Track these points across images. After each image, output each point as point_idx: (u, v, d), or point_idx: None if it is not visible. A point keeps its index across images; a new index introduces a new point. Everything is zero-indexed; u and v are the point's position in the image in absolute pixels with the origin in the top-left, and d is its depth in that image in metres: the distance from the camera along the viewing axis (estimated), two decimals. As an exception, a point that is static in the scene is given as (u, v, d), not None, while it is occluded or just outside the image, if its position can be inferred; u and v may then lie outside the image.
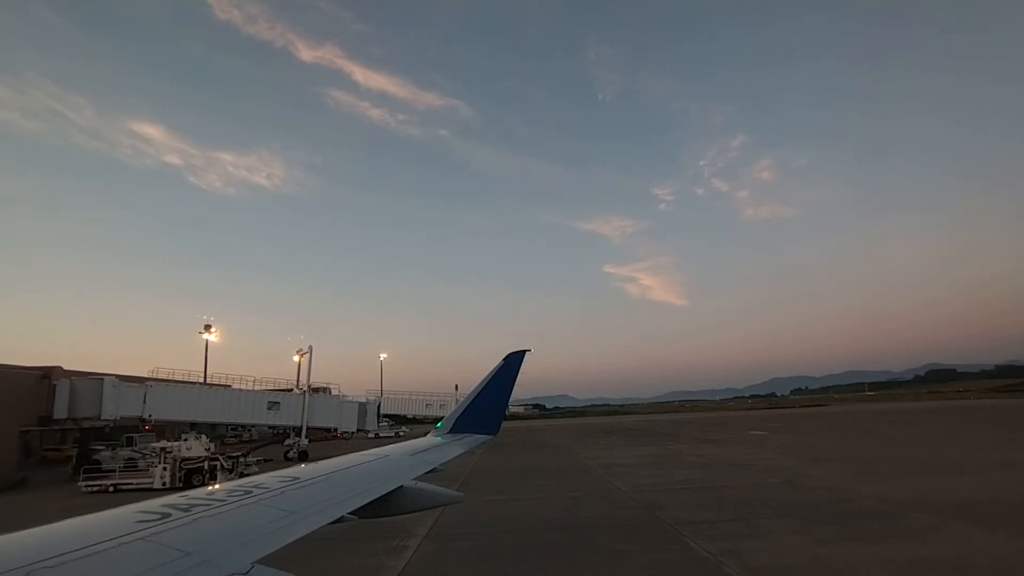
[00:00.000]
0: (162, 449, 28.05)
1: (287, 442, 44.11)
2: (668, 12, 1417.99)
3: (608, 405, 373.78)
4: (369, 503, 3.38)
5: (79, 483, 27.43)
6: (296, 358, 48.82)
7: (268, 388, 51.28)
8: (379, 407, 57.22)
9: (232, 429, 62.39)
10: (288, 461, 36.81)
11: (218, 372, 56.63)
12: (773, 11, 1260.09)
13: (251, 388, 50.55)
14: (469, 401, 6.83)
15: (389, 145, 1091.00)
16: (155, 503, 2.50)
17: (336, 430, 50.70)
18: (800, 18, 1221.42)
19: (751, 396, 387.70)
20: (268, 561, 2.15)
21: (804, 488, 18.14)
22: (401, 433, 63.81)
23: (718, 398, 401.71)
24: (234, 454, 30.87)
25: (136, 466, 29.94)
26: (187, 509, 2.43)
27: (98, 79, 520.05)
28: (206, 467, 27.41)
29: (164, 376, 50.34)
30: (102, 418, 36.70)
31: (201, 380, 53.26)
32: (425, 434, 6.51)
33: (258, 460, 31.21)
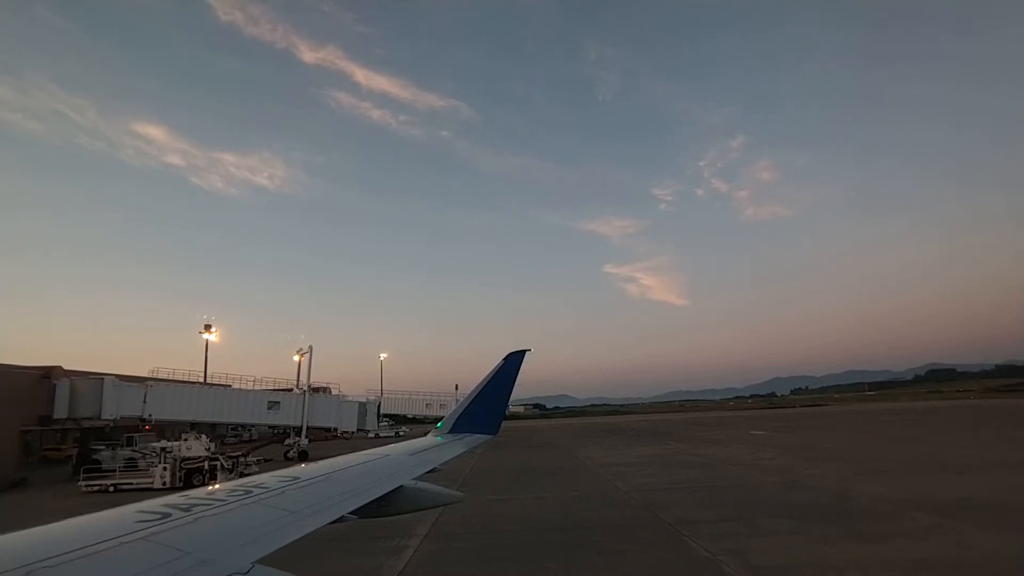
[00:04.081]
0: (162, 449, 28.02)
1: (287, 442, 44.05)
2: (668, 13, 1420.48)
3: (608, 405, 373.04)
4: (369, 503, 3.38)
5: (79, 483, 27.40)
6: (296, 358, 48.79)
7: (268, 388, 51.24)
8: (379, 407, 57.16)
9: (232, 429, 62.34)
10: (288, 461, 36.80)
11: (218, 372, 56.68)
12: (773, 13, 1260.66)
13: (251, 388, 50.53)
14: (469, 401, 6.83)
15: (390, 146, 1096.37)
16: (155, 503, 2.50)
17: (336, 430, 50.72)
18: (800, 20, 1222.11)
19: (751, 396, 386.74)
20: (268, 561, 2.15)
21: (804, 488, 18.13)
22: (401, 433, 63.74)
23: (718, 398, 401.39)
24: (234, 454, 30.84)
25: (136, 466, 29.89)
26: (187, 509, 2.43)
27: (101, 80, 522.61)
28: (206, 467, 27.39)
29: (164, 376, 50.36)
30: (102, 418, 36.67)
31: (201, 380, 53.24)
32: (425, 434, 6.51)
33: (258, 460, 31.19)
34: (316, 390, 48.95)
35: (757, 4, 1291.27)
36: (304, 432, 44.12)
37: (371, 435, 54.96)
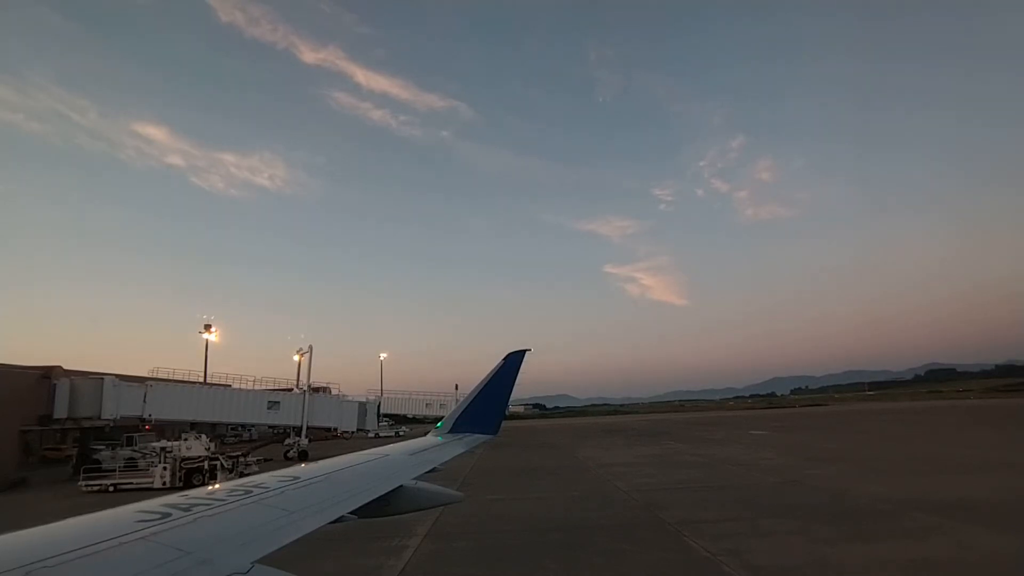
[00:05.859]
0: (162, 449, 28.05)
1: (287, 442, 44.10)
2: (668, 12, 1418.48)
3: (608, 405, 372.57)
4: (369, 503, 3.38)
5: (79, 483, 27.43)
6: (296, 358, 48.79)
7: (268, 388, 51.26)
8: (379, 407, 57.20)
9: (232, 429, 62.37)
10: (288, 461, 36.81)
11: (218, 372, 56.67)
12: (774, 12, 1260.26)
13: (251, 388, 50.55)
14: (469, 401, 6.83)
15: (391, 146, 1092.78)
16: (155, 503, 2.50)
17: (336, 430, 50.71)
18: (800, 19, 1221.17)
19: (751, 396, 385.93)
20: (268, 561, 2.15)
21: (805, 488, 18.14)
22: (401, 433, 63.78)
23: (718, 398, 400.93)
24: (234, 454, 30.86)
25: (136, 466, 29.93)
26: (187, 509, 2.43)
27: (102, 81, 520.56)
28: (206, 467, 27.41)
29: (164, 376, 50.35)
30: (102, 418, 36.68)
31: (201, 380, 53.25)
32: (425, 434, 6.51)
33: (258, 460, 31.22)
34: (316, 390, 48.96)
35: (758, 4, 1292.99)
36: (304, 432, 44.15)
37: (371, 435, 54.99)
